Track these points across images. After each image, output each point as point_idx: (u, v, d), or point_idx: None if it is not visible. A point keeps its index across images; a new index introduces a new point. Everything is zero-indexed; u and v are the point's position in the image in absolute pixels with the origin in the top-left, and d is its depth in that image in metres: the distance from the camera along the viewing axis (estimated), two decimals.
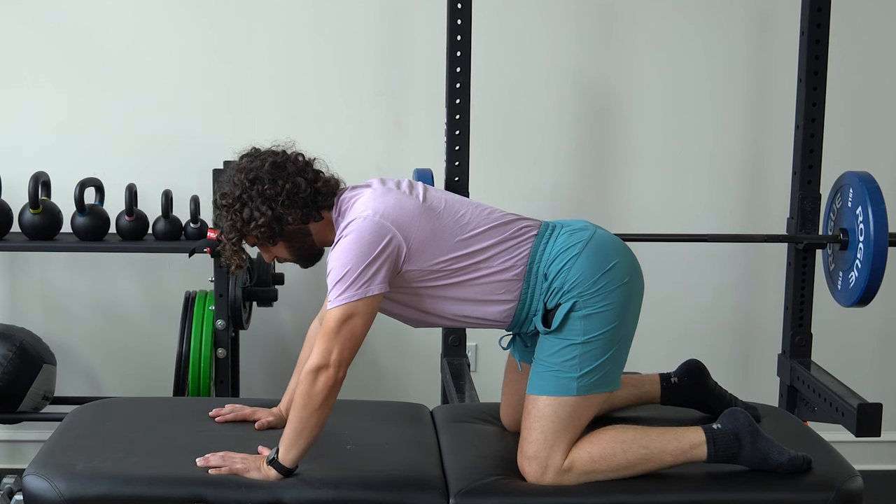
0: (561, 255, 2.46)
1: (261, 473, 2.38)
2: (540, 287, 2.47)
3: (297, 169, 2.49)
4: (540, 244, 2.49)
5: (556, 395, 2.43)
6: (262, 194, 2.45)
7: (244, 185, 2.46)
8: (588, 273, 2.44)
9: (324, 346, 2.36)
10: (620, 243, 2.55)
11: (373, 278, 2.36)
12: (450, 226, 2.46)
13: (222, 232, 2.52)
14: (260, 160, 2.49)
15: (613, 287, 2.45)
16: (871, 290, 3.33)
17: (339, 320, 2.36)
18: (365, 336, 2.39)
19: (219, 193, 2.52)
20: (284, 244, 2.52)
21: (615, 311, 2.45)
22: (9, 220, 3.67)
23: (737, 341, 4.22)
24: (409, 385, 4.12)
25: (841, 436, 3.42)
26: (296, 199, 2.46)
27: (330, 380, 2.35)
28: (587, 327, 2.43)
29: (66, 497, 2.32)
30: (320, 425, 2.38)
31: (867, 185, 3.33)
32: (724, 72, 4.05)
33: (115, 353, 4.07)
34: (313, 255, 2.59)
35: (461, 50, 3.51)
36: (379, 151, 3.99)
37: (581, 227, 2.53)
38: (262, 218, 2.45)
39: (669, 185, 4.09)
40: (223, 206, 2.50)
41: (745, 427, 2.46)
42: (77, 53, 3.92)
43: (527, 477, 2.45)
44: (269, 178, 2.45)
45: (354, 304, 2.35)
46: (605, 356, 2.44)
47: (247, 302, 3.74)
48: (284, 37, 3.96)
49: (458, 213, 2.49)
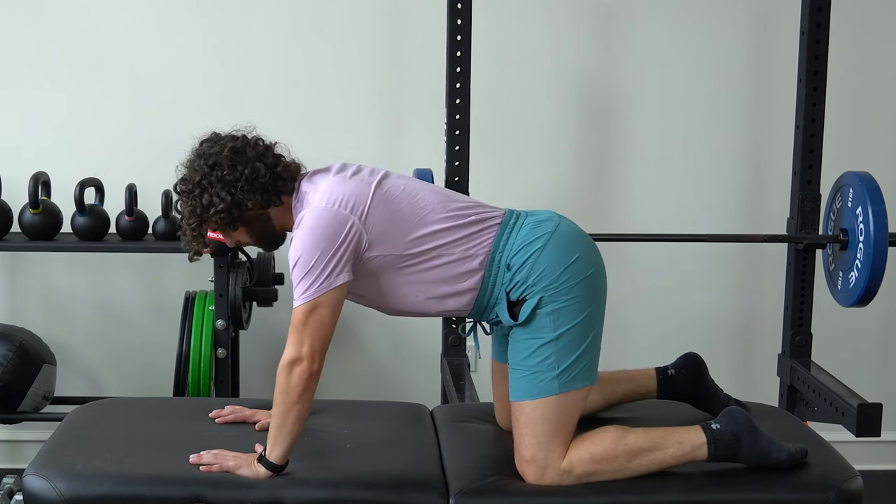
0: (525, 246, 2.45)
1: (252, 471, 2.38)
2: (502, 277, 2.46)
3: (257, 154, 2.48)
4: (504, 233, 2.48)
5: (539, 398, 2.42)
6: (221, 179, 2.44)
7: (203, 171, 2.45)
8: (552, 267, 2.43)
9: (294, 339, 2.36)
10: (583, 235, 2.53)
11: (335, 269, 2.35)
12: (409, 211, 2.44)
13: (182, 217, 2.52)
14: (219, 145, 2.48)
15: (578, 280, 2.44)
16: (871, 290, 3.33)
17: (305, 312, 2.35)
18: (334, 325, 2.38)
19: (178, 179, 2.51)
20: (245, 229, 2.52)
21: (582, 303, 2.44)
22: (9, 220, 3.67)
23: (737, 341, 4.22)
24: (409, 385, 4.12)
25: (841, 436, 3.42)
26: (255, 185, 2.45)
27: (305, 372, 2.35)
28: (557, 322, 2.42)
29: (66, 497, 2.33)
30: (301, 419, 2.38)
31: (867, 185, 3.33)
32: (725, 72, 4.05)
33: (115, 353, 4.07)
34: (274, 239, 2.59)
35: (461, 50, 3.51)
36: (379, 151, 3.99)
37: (545, 218, 2.52)
38: (221, 203, 2.44)
39: (669, 185, 4.09)
40: (183, 192, 2.49)
41: (744, 427, 2.46)
42: (77, 53, 3.92)
43: (527, 479, 2.44)
44: (228, 164, 2.45)
45: (319, 298, 2.35)
46: (581, 349, 2.43)
47: (247, 302, 3.74)
48: (284, 37, 3.96)
49: (418, 199, 2.47)
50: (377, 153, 3.98)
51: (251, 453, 2.44)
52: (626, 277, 4.09)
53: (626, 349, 4.12)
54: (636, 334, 4.15)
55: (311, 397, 2.39)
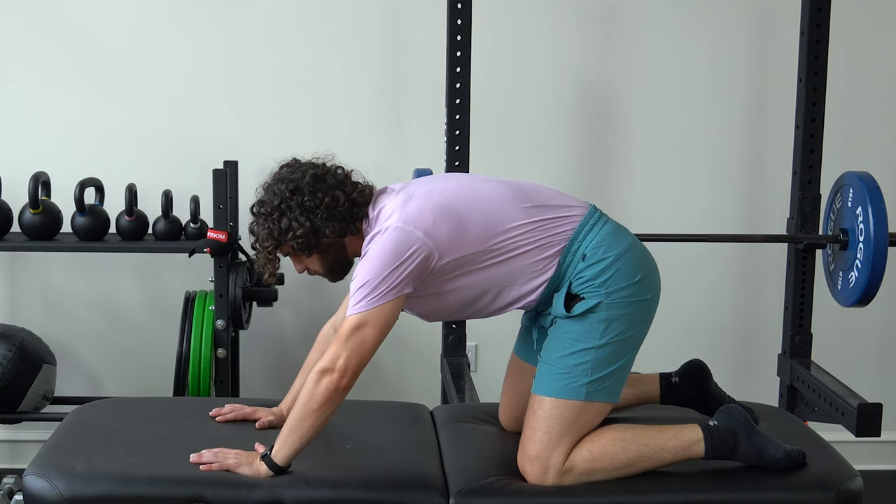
0: (606, 245, 2.46)
1: (252, 469, 2.38)
2: (575, 266, 2.46)
3: (337, 182, 2.50)
4: (587, 224, 2.48)
5: (563, 398, 2.43)
6: (301, 205, 2.45)
7: (284, 195, 2.46)
8: (623, 276, 2.45)
9: (334, 350, 2.37)
10: (653, 260, 2.57)
11: (392, 285, 2.36)
12: (478, 212, 2.44)
13: (258, 240, 2.53)
14: (301, 171, 2.49)
15: (638, 298, 2.47)
16: (871, 290, 3.33)
17: (351, 327, 2.36)
18: (376, 347, 2.39)
19: (257, 201, 2.52)
20: (318, 256, 2.53)
21: (633, 322, 2.47)
22: (9, 220, 3.67)
23: (737, 341, 4.22)
24: (409, 385, 4.12)
25: (841, 436, 3.42)
26: (334, 213, 2.47)
27: (332, 384, 2.36)
28: (605, 331, 2.43)
29: (66, 497, 2.33)
30: (316, 427, 2.38)
31: (867, 185, 3.33)
32: (724, 72, 4.05)
33: (115, 353, 4.07)
34: (344, 267, 2.59)
35: (461, 50, 3.51)
36: (379, 151, 3.99)
37: (624, 228, 2.55)
38: (300, 229, 2.45)
39: (669, 185, 4.09)
40: (261, 214, 2.50)
41: (740, 423, 2.47)
42: (77, 53, 3.92)
43: (527, 477, 2.45)
44: (309, 190, 2.46)
45: (368, 312, 2.36)
46: (617, 364, 2.45)
47: (247, 302, 3.74)
48: (285, 37, 3.96)
49: (485, 198, 2.47)
50: (377, 153, 3.98)
51: (252, 451, 2.44)
52: None
53: None
54: None
55: (332, 410, 2.38)
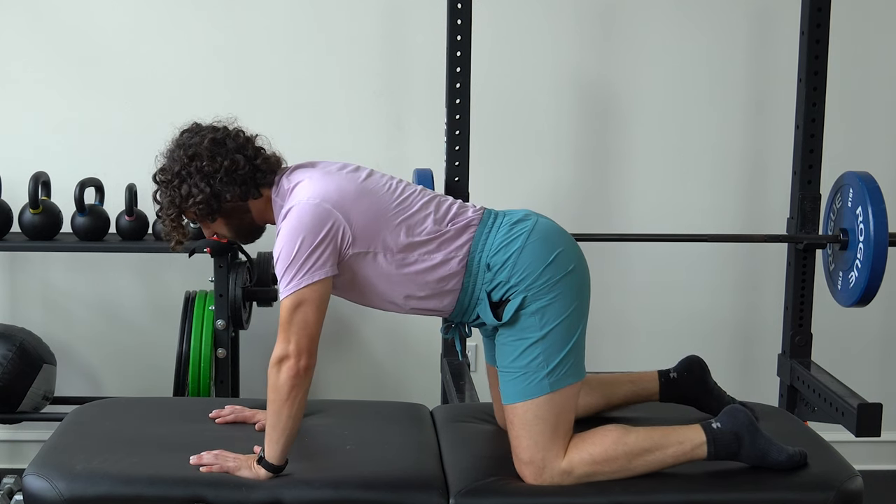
0: (504, 246, 2.44)
1: (251, 472, 2.38)
2: (482, 277, 2.45)
3: (237, 146, 2.49)
4: (482, 233, 2.47)
5: (531, 399, 2.42)
6: (200, 170, 2.44)
7: (183, 162, 2.46)
8: (533, 266, 2.42)
9: (281, 337, 2.36)
10: (561, 231, 2.53)
11: (317, 263, 2.35)
12: (393, 210, 2.44)
13: (161, 208, 2.52)
14: (200, 136, 2.48)
15: (559, 276, 2.43)
16: (871, 290, 3.33)
17: (290, 309, 2.36)
18: (320, 322, 2.37)
19: (158, 169, 2.51)
20: (223, 220, 2.52)
21: (566, 300, 2.43)
22: (9, 220, 3.67)
23: (737, 341, 4.22)
24: (409, 385, 4.12)
25: (841, 436, 3.42)
26: (234, 176, 2.46)
27: (292, 370, 2.35)
28: (542, 321, 2.41)
29: (66, 497, 2.32)
30: (294, 418, 2.37)
31: (867, 185, 3.33)
32: (724, 72, 4.05)
33: (115, 353, 4.07)
34: (252, 231, 2.59)
35: (461, 50, 3.51)
36: (379, 151, 3.99)
37: (522, 216, 2.51)
38: (200, 195, 2.44)
39: (669, 185, 4.09)
40: (161, 182, 2.50)
41: (744, 426, 2.46)
42: (77, 53, 3.92)
43: (526, 480, 2.44)
44: (208, 155, 2.45)
45: (302, 291, 2.35)
46: (568, 346, 2.43)
47: (247, 302, 3.74)
48: (285, 37, 3.96)
49: (402, 198, 2.47)
50: (377, 153, 3.98)
51: (251, 455, 2.44)
52: (627, 277, 4.09)
53: (627, 349, 4.12)
54: (636, 334, 4.15)
55: (302, 395, 2.37)
